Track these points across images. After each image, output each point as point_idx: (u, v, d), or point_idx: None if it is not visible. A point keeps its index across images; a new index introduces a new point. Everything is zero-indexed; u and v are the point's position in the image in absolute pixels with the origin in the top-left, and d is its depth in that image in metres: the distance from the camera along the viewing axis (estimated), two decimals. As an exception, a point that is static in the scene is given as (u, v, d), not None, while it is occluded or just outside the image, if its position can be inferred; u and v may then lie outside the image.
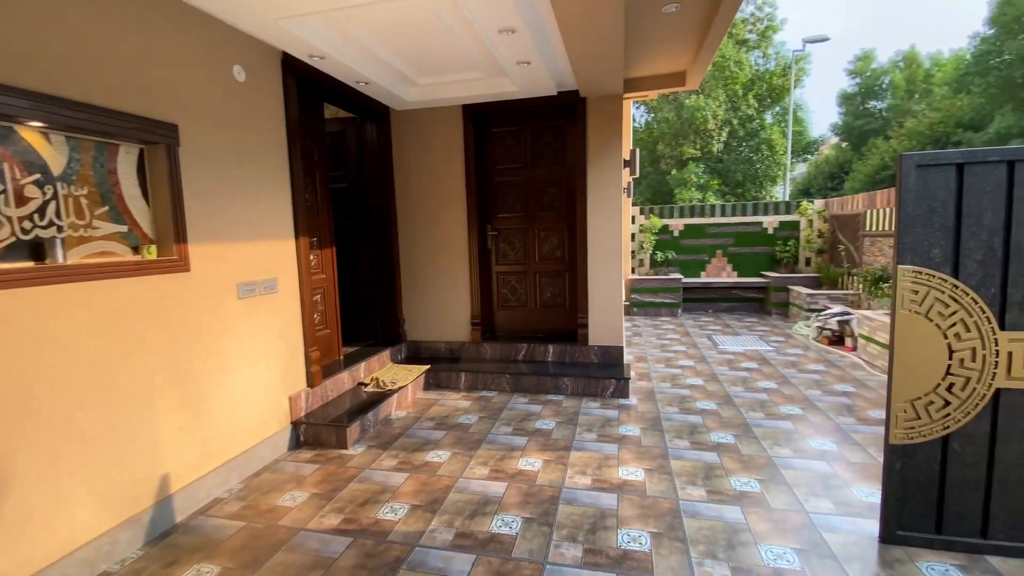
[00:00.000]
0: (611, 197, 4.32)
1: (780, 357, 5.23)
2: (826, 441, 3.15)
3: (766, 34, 15.41)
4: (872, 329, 4.83)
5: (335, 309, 4.20)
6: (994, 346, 1.93)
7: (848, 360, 5.02)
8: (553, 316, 4.82)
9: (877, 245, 6.10)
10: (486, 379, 4.30)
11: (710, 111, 13.68)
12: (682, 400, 3.97)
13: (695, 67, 4.01)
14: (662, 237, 8.36)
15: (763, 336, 6.27)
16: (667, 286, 7.77)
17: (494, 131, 4.74)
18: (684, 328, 6.90)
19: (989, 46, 16.23)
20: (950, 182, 1.94)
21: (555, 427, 3.48)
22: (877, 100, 26.03)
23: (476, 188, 4.64)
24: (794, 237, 7.96)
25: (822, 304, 6.65)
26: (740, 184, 15.71)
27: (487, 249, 4.85)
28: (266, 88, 3.18)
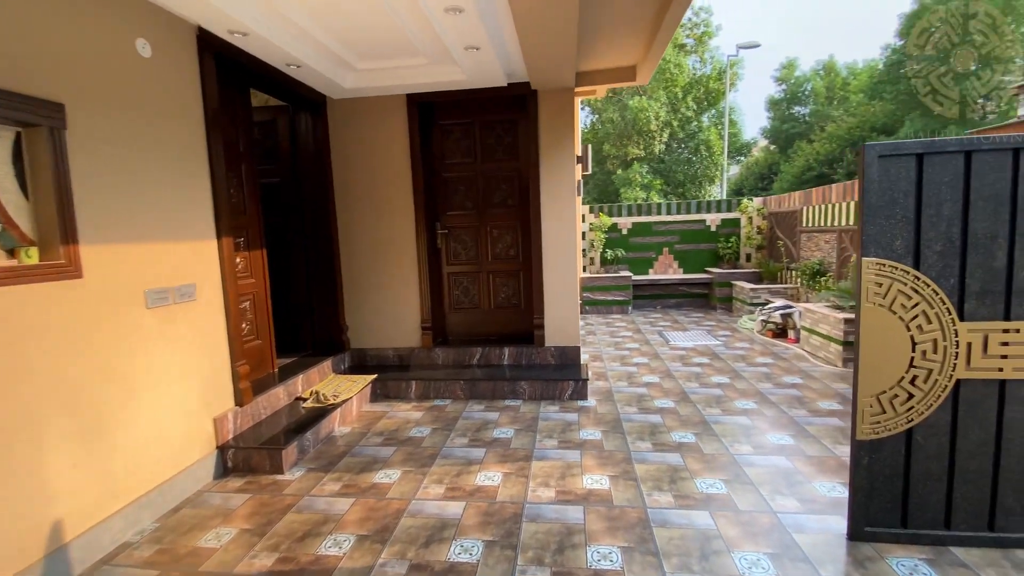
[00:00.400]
0: (565, 194, 4.19)
1: (729, 351, 5.31)
2: (783, 435, 3.15)
3: (702, 39, 16.04)
4: (814, 321, 5.00)
5: (267, 317, 3.80)
6: (954, 337, 1.93)
7: (792, 352, 5.18)
8: (508, 318, 4.63)
9: (814, 240, 6.37)
10: (439, 387, 4.05)
11: (653, 112, 14.04)
12: (640, 399, 3.90)
13: (646, 61, 3.96)
14: (611, 235, 8.39)
15: (711, 331, 6.39)
16: (618, 284, 7.80)
17: (442, 124, 4.49)
18: (636, 325, 6.93)
19: (900, 56, 17.70)
20: (911, 172, 1.92)
21: (514, 435, 3.29)
22: (801, 106, 27.85)
23: (423, 184, 4.37)
24: (735, 234, 8.22)
25: (764, 298, 6.88)
26: (681, 184, 16.26)
27: (437, 248, 4.59)
28: (178, 67, 2.78)
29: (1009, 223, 1.87)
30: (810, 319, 5.09)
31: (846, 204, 5.56)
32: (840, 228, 5.67)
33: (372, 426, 3.57)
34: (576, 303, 4.32)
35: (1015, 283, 1.88)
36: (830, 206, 5.93)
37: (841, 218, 5.67)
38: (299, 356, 4.31)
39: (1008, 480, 1.97)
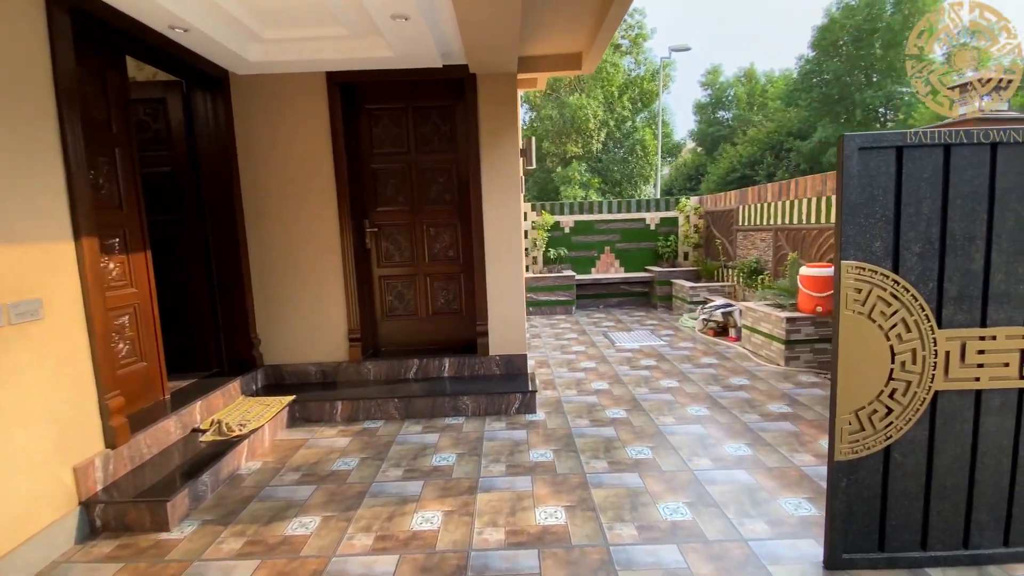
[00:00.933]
0: (508, 189, 3.86)
1: (674, 352, 5.23)
2: (740, 444, 3.01)
3: (637, 41, 16.35)
4: (755, 320, 5.01)
5: (155, 334, 3.17)
6: (933, 346, 1.78)
7: (735, 351, 5.17)
8: (448, 325, 4.23)
9: (750, 239, 6.48)
10: (369, 406, 3.58)
11: (591, 110, 14.09)
12: (591, 409, 3.65)
13: (592, 49, 3.71)
14: (554, 234, 8.19)
15: (654, 330, 6.33)
16: (561, 284, 7.60)
17: (370, 109, 4.00)
18: (580, 326, 6.75)
19: (812, 66, 19.01)
20: (890, 167, 1.75)
21: (456, 461, 2.91)
22: (725, 110, 29.41)
23: (349, 176, 3.87)
24: (674, 233, 8.29)
25: (703, 296, 6.93)
26: (618, 183, 16.52)
27: (366, 249, 4.10)
28: (15, 22, 2.14)
29: (987, 223, 1.74)
30: (751, 317, 5.10)
31: (781, 204, 5.66)
32: (776, 227, 5.77)
33: (288, 459, 3.05)
34: (523, 307, 4.01)
35: (991, 287, 1.77)
36: (766, 205, 6.04)
37: (777, 217, 5.77)
38: (200, 378, 3.67)
39: (982, 495, 1.86)
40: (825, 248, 4.86)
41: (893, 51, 17.12)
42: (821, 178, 4.95)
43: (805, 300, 4.52)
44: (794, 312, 4.61)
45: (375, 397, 3.59)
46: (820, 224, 4.94)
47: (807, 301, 4.50)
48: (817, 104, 19.22)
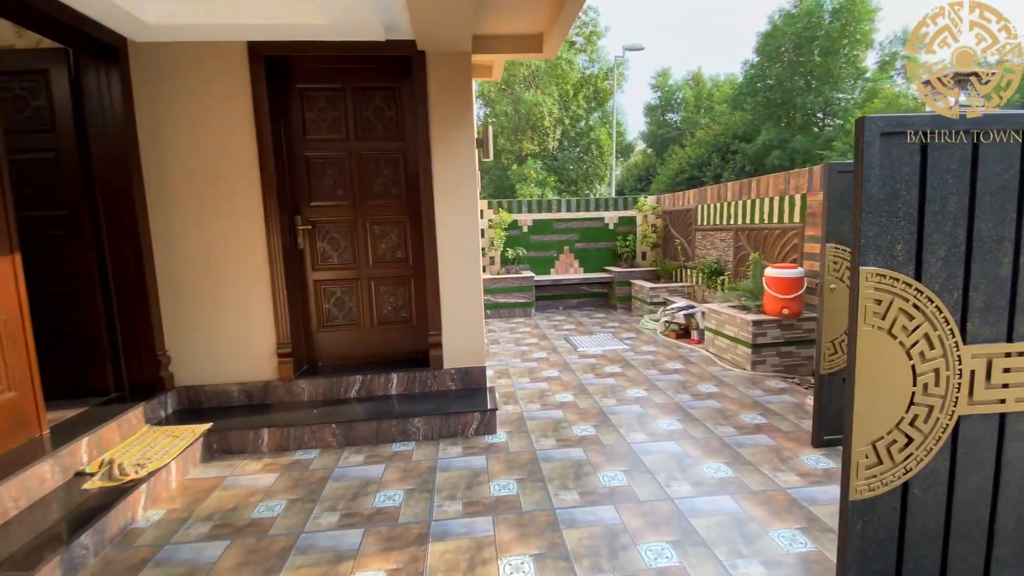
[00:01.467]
0: (464, 183, 3.46)
1: (638, 357, 5.00)
2: (718, 464, 2.76)
3: (591, 39, 16.29)
4: (719, 323, 4.85)
5: (26, 356, 2.55)
6: (957, 365, 1.55)
7: (699, 354, 5.01)
8: (396, 335, 3.78)
9: (709, 239, 6.38)
10: (302, 433, 3.08)
11: (546, 108, 13.85)
12: (557, 426, 3.32)
13: (555, 30, 3.37)
14: (512, 233, 7.84)
15: (615, 333, 6.11)
16: (521, 285, 7.26)
17: (302, 88, 3.49)
18: (540, 330, 6.43)
19: (757, 71, 19.67)
20: (915, 156, 1.50)
21: (404, 500, 2.49)
22: (674, 112, 30.14)
23: (277, 166, 3.34)
24: (632, 232, 8.14)
25: (663, 297, 6.79)
26: (574, 182, 16.42)
27: (299, 249, 3.58)
28: None
29: (1016, 223, 1.53)
30: (715, 320, 4.94)
31: (742, 203, 5.57)
32: (736, 227, 5.67)
33: (199, 505, 2.53)
34: (481, 314, 3.62)
35: (1019, 296, 1.55)
36: (725, 205, 5.94)
37: (737, 217, 5.67)
38: (92, 406, 3.05)
39: (1003, 529, 1.66)
40: (788, 248, 4.76)
41: (831, 58, 17.99)
42: (784, 176, 4.85)
43: (771, 302, 4.39)
44: (760, 315, 4.47)
45: (309, 422, 3.10)
46: (783, 224, 4.84)
47: (773, 303, 4.37)
48: (761, 108, 19.94)
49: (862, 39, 17.54)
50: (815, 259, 4.38)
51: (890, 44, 18.40)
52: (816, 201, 4.38)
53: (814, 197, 4.40)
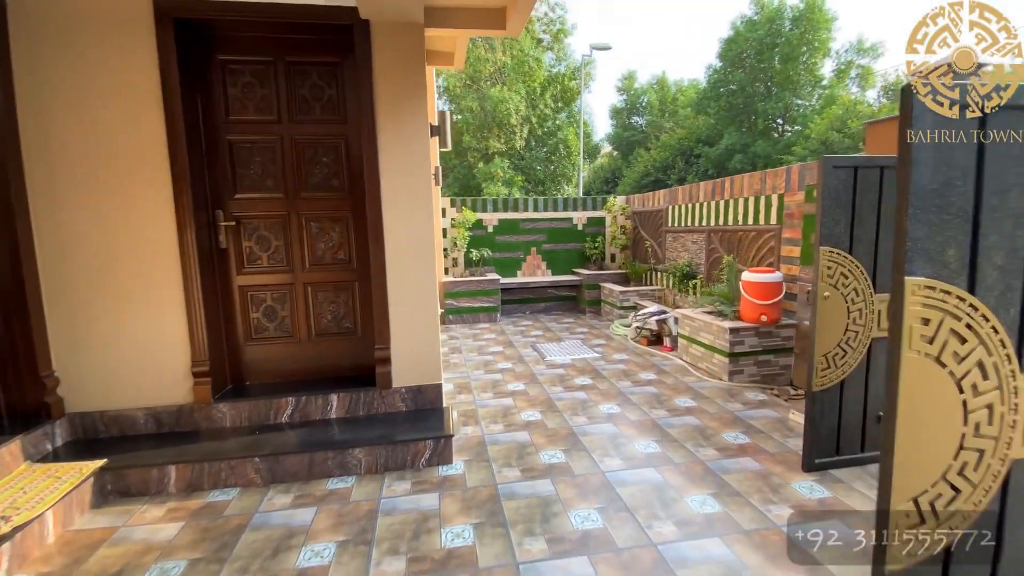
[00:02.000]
0: (416, 174, 3.02)
1: (610, 366, 4.68)
2: (704, 496, 2.43)
3: (558, 37, 16.05)
4: (694, 330, 4.58)
5: None
6: (1013, 398, 1.25)
7: (673, 363, 4.73)
8: (339, 349, 3.30)
9: (680, 241, 6.15)
10: (219, 469, 2.58)
11: (513, 105, 13.49)
12: (522, 452, 2.93)
13: (518, 3, 2.98)
14: (476, 233, 7.41)
15: (585, 340, 5.79)
16: (485, 288, 6.85)
17: (224, 60, 2.97)
18: (506, 336, 6.04)
19: (720, 76, 19.95)
20: (971, 137, 1.18)
21: (335, 557, 2.04)
22: (639, 116, 30.41)
23: (192, 150, 2.82)
24: (601, 233, 7.87)
25: (633, 301, 6.53)
26: (541, 182, 16.14)
27: (221, 249, 3.06)
28: None
29: (1084, 224, 1.24)
30: (689, 327, 4.68)
31: (715, 204, 5.34)
32: (709, 228, 5.44)
33: (78, 566, 2.00)
34: (436, 324, 3.19)
35: (1085, 314, 1.26)
36: (697, 205, 5.71)
37: (710, 218, 5.45)
38: (-56, 441, 2.45)
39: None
40: (764, 251, 4.54)
41: (791, 64, 18.41)
42: (760, 176, 4.64)
43: (748, 308, 4.15)
44: (737, 321, 4.22)
45: (228, 456, 2.60)
46: (759, 225, 4.62)
47: (751, 310, 4.13)
48: (724, 112, 20.24)
49: (820, 47, 18.04)
50: (793, 262, 4.16)
51: (846, 53, 19.04)
52: (794, 202, 4.16)
53: (792, 197, 4.18)
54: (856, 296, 2.53)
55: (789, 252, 4.23)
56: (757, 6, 18.87)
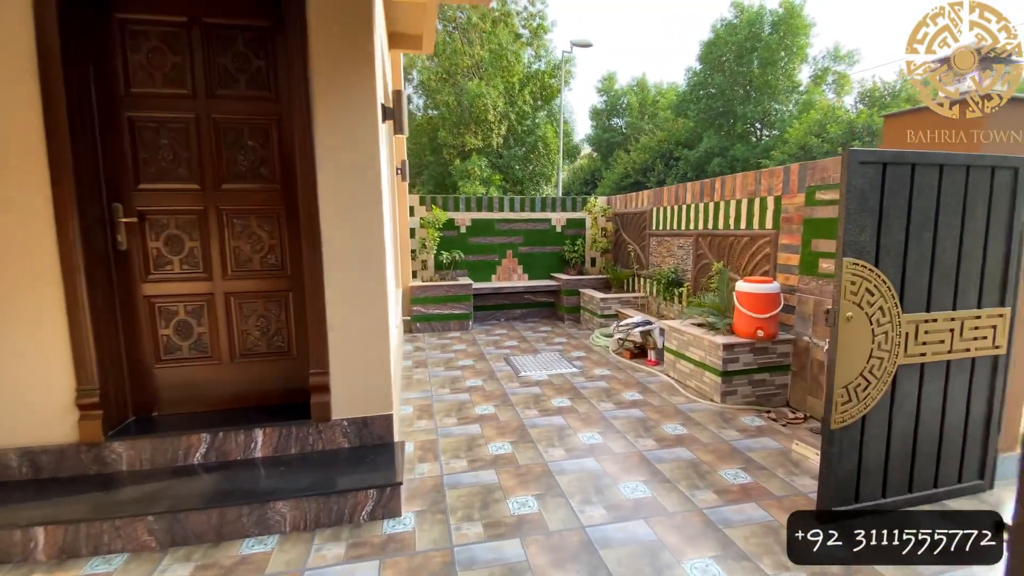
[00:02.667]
0: (363, 161, 2.52)
1: (590, 384, 4.25)
2: (707, 561, 2.00)
3: (538, 32, 15.61)
4: (682, 344, 4.18)
5: None
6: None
7: (659, 380, 4.33)
8: (268, 373, 2.76)
9: (665, 245, 5.77)
10: (101, 531, 2.03)
11: (490, 100, 12.96)
12: (487, 498, 2.46)
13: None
14: (448, 234, 6.91)
15: (563, 351, 5.35)
16: (456, 294, 6.35)
17: (124, 19, 2.41)
18: (477, 347, 5.55)
19: (701, 78, 19.86)
20: None
21: (227, 670, 1.52)
22: (619, 117, 30.29)
23: (80, 130, 2.26)
24: (581, 236, 7.45)
25: (615, 309, 6.13)
26: (519, 181, 15.68)
27: (120, 251, 2.50)
28: None
29: None
30: (676, 340, 4.28)
31: (703, 206, 4.97)
32: (697, 232, 5.07)
33: None
34: (387, 343, 2.68)
35: None
36: (684, 207, 5.33)
37: (698, 221, 5.07)
38: None
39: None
40: (759, 258, 4.17)
41: (769, 69, 18.41)
42: (754, 176, 4.27)
43: (743, 322, 3.76)
44: (730, 336, 3.84)
45: (116, 512, 2.05)
46: (752, 230, 4.25)
47: (746, 323, 3.74)
48: (703, 115, 20.16)
49: (798, 52, 18.09)
50: (791, 271, 3.80)
51: (823, 59, 19.17)
52: (792, 205, 3.80)
53: (790, 200, 3.82)
54: (882, 316, 2.12)
55: (786, 260, 3.87)
56: (737, 8, 18.83)
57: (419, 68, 14.04)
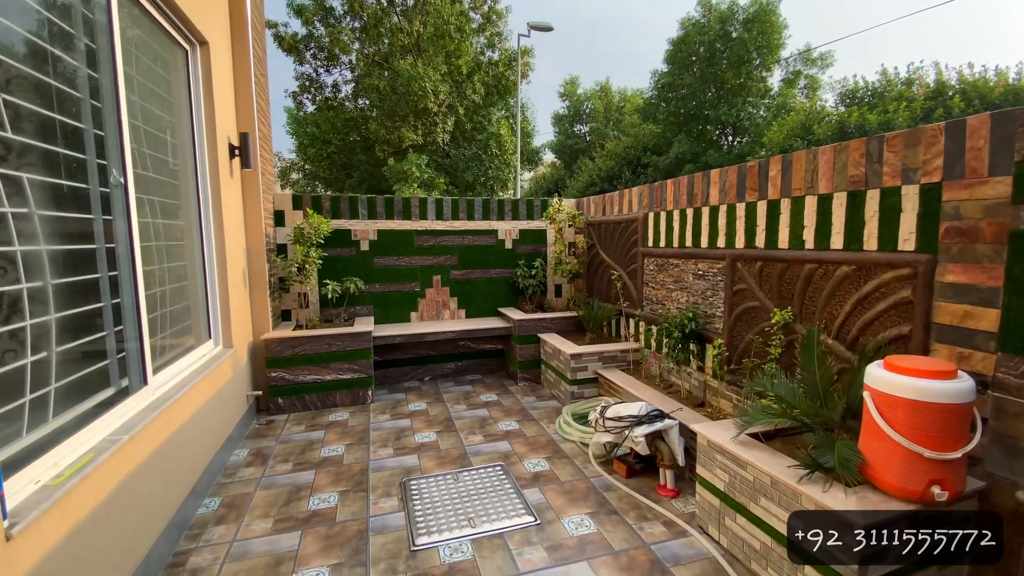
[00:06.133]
0: None
1: (558, 567, 2.04)
2: None
3: (490, 17, 13.56)
4: (739, 484, 2.05)
5: None
6: None
7: (695, 551, 2.17)
8: None
9: (669, 271, 3.66)
10: None
11: (430, 84, 10.67)
12: None
13: None
14: (339, 252, 4.60)
15: (508, 457, 3.14)
16: (347, 349, 4.02)
17: None
18: (364, 448, 3.25)
19: (669, 79, 18.34)
20: None
21: None
22: (582, 123, 28.80)
23: None
24: (541, 254, 5.30)
25: (593, 371, 3.97)
26: (471, 186, 13.47)
27: None
28: None
29: None
30: (725, 473, 2.14)
31: (745, 207, 2.89)
32: (732, 252, 2.98)
33: None
34: None
35: None
36: (706, 211, 3.25)
37: (735, 235, 2.99)
38: None
39: None
40: (883, 309, 2.11)
41: (743, 68, 17.04)
42: (861, 147, 2.21)
43: (895, 463, 1.66)
44: (866, 491, 1.72)
45: None
46: (861, 252, 2.19)
47: (903, 467, 1.65)
48: (673, 119, 18.65)
49: (772, 53, 16.84)
50: (971, 343, 1.76)
51: (794, 62, 18.10)
52: (976, 201, 1.76)
53: (969, 190, 1.78)
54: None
55: (956, 317, 1.82)
56: (704, 8, 17.53)
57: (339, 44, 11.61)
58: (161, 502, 2.18)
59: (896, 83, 13.72)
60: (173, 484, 2.31)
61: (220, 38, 3.37)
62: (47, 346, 1.61)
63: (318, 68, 13.92)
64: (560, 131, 29.21)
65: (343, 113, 13.25)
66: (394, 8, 12.09)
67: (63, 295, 1.70)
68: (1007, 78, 12.03)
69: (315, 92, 14.20)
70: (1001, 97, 11.42)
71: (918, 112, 11.88)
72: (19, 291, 1.49)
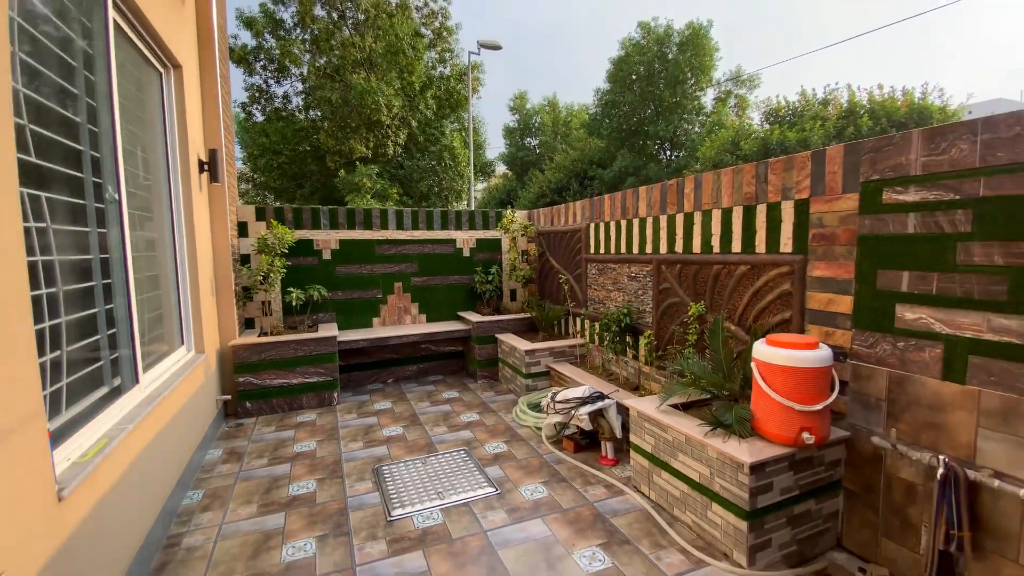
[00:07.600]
0: None
1: (516, 530, 2.41)
2: None
3: (441, 33, 13.96)
4: (664, 446, 2.50)
5: None
6: None
7: (629, 505, 2.60)
8: None
9: (609, 274, 4.16)
10: None
11: (383, 97, 10.89)
12: None
13: None
14: (302, 262, 4.80)
15: (472, 441, 3.49)
16: (312, 353, 4.24)
17: None
18: (335, 443, 3.50)
19: (612, 96, 19.37)
20: None
21: None
22: (532, 136, 29.64)
23: None
24: (497, 262, 5.69)
25: (545, 365, 4.39)
26: (425, 197, 13.71)
27: None
28: None
29: None
30: (652, 437, 2.59)
31: (667, 219, 3.41)
32: (659, 257, 3.49)
33: None
34: None
35: None
36: (635, 222, 3.76)
37: (658, 242, 3.51)
38: None
39: None
40: (770, 299, 2.64)
41: (679, 88, 18.29)
42: (755, 170, 2.75)
43: (775, 417, 2.16)
44: (755, 441, 2.21)
45: None
46: (754, 255, 2.73)
47: (780, 419, 2.14)
48: (616, 134, 19.69)
49: (704, 73, 18.22)
50: (835, 322, 2.29)
51: (725, 82, 19.68)
52: (834, 212, 2.30)
53: (829, 204, 2.32)
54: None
55: (825, 303, 2.35)
56: (643, 30, 18.76)
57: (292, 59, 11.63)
58: (156, 489, 2.37)
59: (814, 103, 15.23)
60: (164, 474, 2.50)
61: (189, 59, 3.56)
62: (59, 345, 1.82)
63: (268, 79, 13.76)
64: (511, 143, 29.91)
65: (294, 123, 13.17)
66: (345, 22, 12.22)
67: (68, 301, 1.92)
68: (913, 98, 13.46)
69: (265, 103, 14.01)
70: (906, 116, 12.79)
71: (831, 130, 13.23)
72: (39, 296, 1.71)
